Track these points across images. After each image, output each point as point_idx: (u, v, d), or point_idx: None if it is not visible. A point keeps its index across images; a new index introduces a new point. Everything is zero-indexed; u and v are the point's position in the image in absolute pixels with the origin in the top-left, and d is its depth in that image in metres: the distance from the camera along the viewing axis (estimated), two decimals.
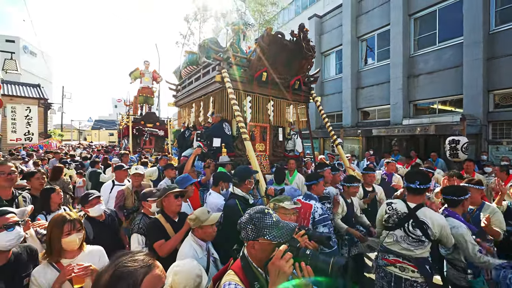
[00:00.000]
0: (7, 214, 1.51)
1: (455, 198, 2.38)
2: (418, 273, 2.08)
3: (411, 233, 2.11)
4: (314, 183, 2.80)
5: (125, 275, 0.79)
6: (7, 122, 13.90)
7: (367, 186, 3.89)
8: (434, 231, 2.05)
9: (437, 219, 2.09)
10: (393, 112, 10.03)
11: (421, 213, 2.13)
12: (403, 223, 2.17)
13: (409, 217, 2.15)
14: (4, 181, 2.18)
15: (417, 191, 2.21)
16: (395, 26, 9.87)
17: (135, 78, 13.80)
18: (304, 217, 2.55)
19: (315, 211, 2.53)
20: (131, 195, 3.38)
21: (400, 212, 2.23)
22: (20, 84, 20.21)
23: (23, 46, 34.54)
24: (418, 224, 2.09)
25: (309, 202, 2.62)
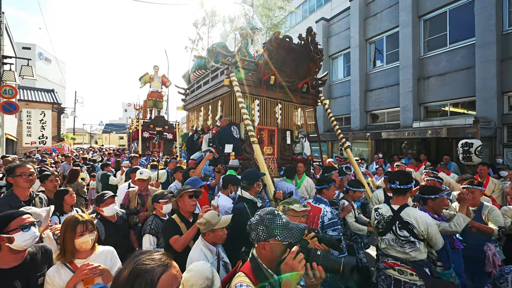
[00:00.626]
0: (24, 215, 1.55)
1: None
2: (416, 276, 2.09)
3: (399, 235, 2.14)
4: (325, 188, 2.77)
5: (143, 273, 0.82)
6: (22, 126, 14.38)
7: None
8: (420, 229, 2.06)
9: (422, 217, 2.10)
10: (403, 114, 9.87)
11: (405, 213, 2.15)
12: (390, 227, 2.20)
13: (395, 219, 2.18)
14: (25, 182, 2.26)
15: (398, 191, 2.24)
16: (404, 28, 9.76)
17: (144, 82, 14.06)
18: (312, 220, 2.53)
19: (324, 215, 2.50)
20: (135, 198, 3.43)
21: (385, 216, 2.26)
22: (35, 89, 20.93)
23: (39, 53, 35.81)
24: (403, 225, 2.12)
25: (319, 206, 2.60)
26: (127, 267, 0.84)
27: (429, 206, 2.51)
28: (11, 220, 1.49)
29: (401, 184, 2.22)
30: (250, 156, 4.76)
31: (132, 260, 0.86)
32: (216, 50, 4.87)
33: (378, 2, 11.18)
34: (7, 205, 2.09)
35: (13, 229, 1.47)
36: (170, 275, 0.86)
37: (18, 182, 2.24)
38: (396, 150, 10.34)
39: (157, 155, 11.08)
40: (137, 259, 0.86)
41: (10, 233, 1.46)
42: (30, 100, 18.70)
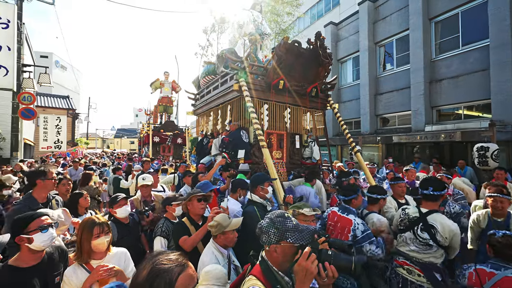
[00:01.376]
0: (42, 216, 1.61)
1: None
2: (424, 278, 2.09)
3: (419, 236, 2.15)
4: (354, 197, 2.57)
5: (162, 273, 0.84)
6: (39, 131, 14.93)
7: (400, 198, 3.35)
8: (444, 236, 2.05)
9: (449, 225, 2.08)
10: (414, 118, 9.68)
11: (432, 218, 2.16)
12: (412, 226, 2.22)
13: (419, 221, 2.20)
14: (53, 185, 2.40)
15: (430, 197, 2.25)
16: (414, 31, 9.65)
17: (155, 88, 14.38)
18: (341, 232, 2.35)
19: (355, 228, 2.29)
20: (140, 205, 3.47)
21: (411, 216, 2.28)
22: (52, 95, 21.72)
23: (55, 61, 37.21)
24: (426, 228, 2.13)
25: (348, 217, 2.39)
26: (145, 267, 0.86)
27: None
28: (31, 221, 1.55)
29: (434, 191, 2.23)
30: (259, 161, 4.77)
31: (150, 261, 0.88)
32: (226, 55, 4.94)
33: (387, 6, 11.11)
34: (27, 207, 2.18)
35: (33, 230, 1.53)
36: (187, 275, 0.89)
37: (48, 185, 2.37)
38: (407, 154, 10.13)
39: (167, 159, 11.27)
40: (155, 259, 0.88)
41: (30, 233, 1.51)
42: (47, 106, 19.41)
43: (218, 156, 5.43)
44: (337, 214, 2.49)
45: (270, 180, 2.81)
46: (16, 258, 1.54)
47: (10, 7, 7.41)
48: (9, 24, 7.28)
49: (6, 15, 7.23)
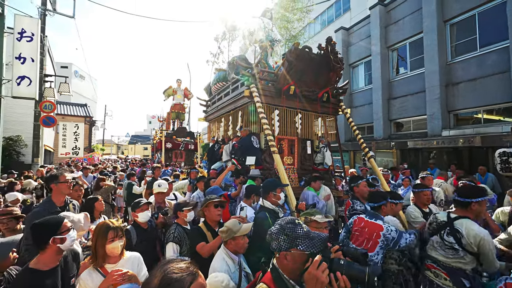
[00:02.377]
0: (65, 219, 1.67)
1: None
2: (450, 282, 2.10)
3: (445, 240, 2.18)
4: (383, 204, 2.52)
5: (174, 282, 0.83)
6: (58, 138, 15.56)
7: (424, 207, 3.10)
8: (469, 240, 2.04)
9: (474, 230, 2.05)
10: (430, 123, 9.39)
11: (459, 222, 2.17)
12: (439, 230, 2.25)
13: (446, 225, 2.22)
14: (67, 188, 2.46)
15: (459, 203, 2.27)
16: (429, 33, 9.44)
17: (168, 95, 14.72)
18: (369, 238, 2.31)
19: (388, 232, 2.26)
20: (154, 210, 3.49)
21: (439, 220, 2.31)
22: (70, 104, 22.67)
23: (74, 71, 39.00)
24: (452, 232, 2.15)
25: (377, 222, 2.35)
26: (156, 275, 0.86)
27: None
28: (62, 223, 1.63)
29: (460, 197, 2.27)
30: (270, 166, 4.75)
31: (161, 269, 0.88)
32: (237, 62, 5.01)
33: (400, 9, 10.97)
34: (46, 210, 2.25)
35: (65, 231, 1.60)
36: (198, 284, 0.88)
37: (62, 189, 2.43)
38: (423, 160, 9.79)
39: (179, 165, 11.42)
40: (165, 268, 0.87)
41: (63, 233, 1.59)
42: (66, 114, 20.26)
43: (229, 162, 5.45)
44: (364, 220, 2.46)
45: (282, 186, 2.78)
46: (36, 261, 1.58)
47: (34, 21, 7.85)
48: (33, 37, 7.71)
49: (30, 29, 7.67)
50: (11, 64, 7.53)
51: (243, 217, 2.47)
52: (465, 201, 2.20)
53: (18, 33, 7.50)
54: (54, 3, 8.79)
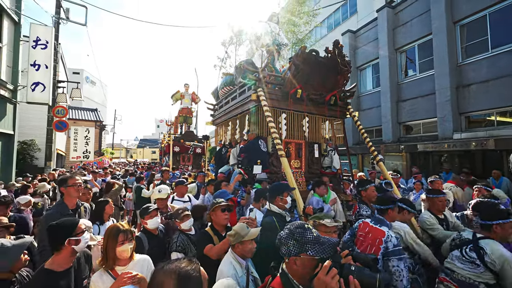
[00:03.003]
0: (79, 222, 1.72)
1: None
2: None
3: (466, 254, 2.16)
4: (391, 208, 2.45)
5: (191, 275, 0.88)
6: (70, 142, 15.94)
7: (439, 213, 2.95)
8: (492, 258, 2.01)
9: (499, 250, 2.02)
10: (441, 125, 9.19)
11: (484, 242, 2.13)
12: (462, 246, 2.22)
13: (470, 243, 2.19)
14: (75, 191, 2.49)
15: (482, 226, 2.25)
16: (438, 35, 9.30)
17: (176, 100, 14.92)
18: (373, 243, 2.27)
19: (388, 240, 2.20)
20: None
21: (463, 238, 2.28)
22: (82, 109, 23.25)
23: (86, 76, 40.07)
24: (475, 249, 2.12)
25: (381, 228, 2.30)
26: (168, 275, 0.87)
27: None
28: (77, 225, 1.68)
29: (483, 219, 2.24)
30: (277, 170, 4.74)
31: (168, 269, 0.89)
32: (244, 67, 5.05)
33: (408, 11, 10.87)
34: (59, 213, 2.30)
35: (79, 233, 1.66)
36: (204, 274, 0.93)
37: (70, 192, 2.47)
38: (434, 163, 9.58)
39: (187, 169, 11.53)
40: (173, 267, 0.90)
41: (78, 235, 1.64)
42: (77, 119, 20.78)
43: (236, 165, 5.47)
44: (369, 225, 2.39)
45: (289, 190, 2.73)
46: (51, 262, 1.62)
47: (49, 29, 8.14)
48: (47, 44, 7.98)
49: (45, 37, 7.94)
50: (26, 71, 7.80)
51: (253, 219, 2.45)
52: (486, 224, 2.18)
53: (33, 41, 7.78)
54: (67, 12, 9.09)
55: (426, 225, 2.87)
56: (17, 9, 7.40)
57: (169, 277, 0.86)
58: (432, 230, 2.82)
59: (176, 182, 4.29)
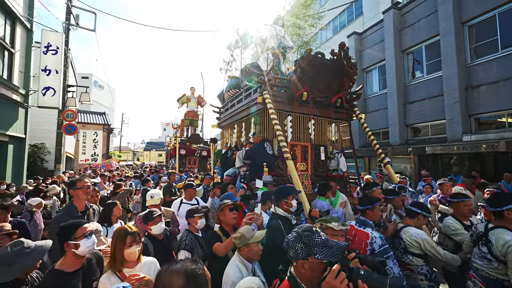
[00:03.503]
0: (85, 224, 1.74)
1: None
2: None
3: (481, 250, 2.18)
4: (369, 208, 2.48)
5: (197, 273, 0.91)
6: (79, 145, 16.24)
7: (464, 219, 2.78)
8: (498, 248, 2.02)
9: (504, 238, 2.00)
10: (450, 127, 9.04)
11: (492, 232, 2.14)
12: (477, 242, 2.26)
13: (482, 236, 2.22)
14: (84, 194, 2.53)
15: (494, 213, 2.24)
16: (446, 36, 9.19)
17: (182, 103, 15.07)
18: (359, 246, 2.29)
19: (373, 242, 2.22)
20: None
21: (478, 231, 2.31)
22: (90, 112, 23.68)
23: (94, 81, 40.88)
24: (486, 242, 2.15)
25: (365, 230, 2.32)
26: (175, 274, 0.89)
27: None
28: (77, 229, 1.67)
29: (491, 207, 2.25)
30: (283, 173, 4.73)
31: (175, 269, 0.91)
32: (249, 70, 5.08)
33: (414, 12, 10.78)
34: (68, 214, 2.34)
35: (79, 237, 1.65)
36: (208, 273, 0.96)
37: (79, 194, 2.51)
38: (443, 166, 9.40)
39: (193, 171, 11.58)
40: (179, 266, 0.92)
41: (77, 240, 1.64)
42: (86, 122, 21.17)
43: (242, 168, 5.46)
44: (354, 228, 2.42)
45: (294, 193, 2.70)
46: (61, 262, 1.65)
47: (59, 35, 8.35)
48: (58, 50, 8.19)
49: (55, 43, 8.15)
50: (38, 76, 8.01)
51: (258, 214, 2.44)
52: (497, 211, 2.16)
53: (44, 47, 7.99)
54: (77, 18, 9.32)
55: (451, 231, 2.75)
56: (30, 16, 7.62)
57: (176, 276, 0.88)
58: (456, 235, 2.70)
59: (185, 185, 4.22)
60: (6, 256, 1.55)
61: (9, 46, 6.98)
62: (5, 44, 6.80)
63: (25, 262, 1.59)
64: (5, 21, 6.81)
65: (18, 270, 1.57)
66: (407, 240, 2.46)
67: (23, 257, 1.58)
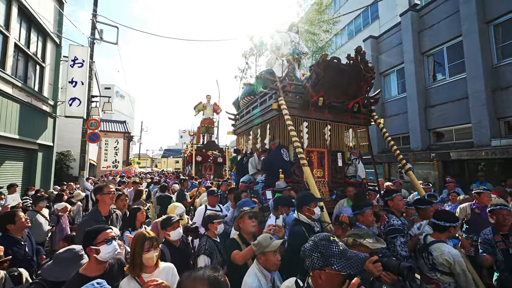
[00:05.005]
0: (107, 230, 1.79)
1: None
2: None
3: None
4: (358, 213, 2.46)
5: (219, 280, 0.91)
6: (101, 153, 16.96)
7: (506, 230, 2.59)
8: None
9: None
10: (476, 131, 8.54)
11: None
12: None
13: None
14: (109, 199, 2.63)
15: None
16: (469, 36, 8.79)
17: (198, 111, 15.41)
18: None
19: None
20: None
21: None
22: (111, 121, 24.77)
23: (116, 91, 42.92)
24: None
25: None
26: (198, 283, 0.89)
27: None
28: (98, 234, 1.72)
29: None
30: (299, 179, 4.66)
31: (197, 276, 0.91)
32: (264, 76, 5.11)
33: (434, 13, 10.44)
34: (93, 219, 2.44)
35: (100, 242, 1.70)
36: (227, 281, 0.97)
37: (105, 199, 2.61)
38: (470, 172, 8.85)
39: (208, 178, 11.71)
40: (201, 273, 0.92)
41: (98, 245, 1.68)
42: (108, 131, 22.14)
43: (257, 175, 5.44)
44: None
45: (317, 201, 2.62)
46: (85, 267, 1.71)
47: (85, 49, 8.87)
48: (83, 63, 8.69)
49: (81, 56, 8.66)
50: (65, 88, 8.52)
51: (280, 226, 2.39)
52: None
53: (71, 61, 8.51)
54: (101, 32, 9.87)
55: None
56: (59, 32, 8.18)
57: (200, 283, 0.88)
58: None
59: (208, 192, 4.26)
60: (75, 255, 1.84)
61: (41, 60, 7.50)
62: (37, 59, 7.32)
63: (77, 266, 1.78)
64: (37, 38, 7.35)
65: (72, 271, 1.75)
66: (437, 259, 2.26)
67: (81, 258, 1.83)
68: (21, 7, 6.33)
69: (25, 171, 7.22)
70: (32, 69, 7.23)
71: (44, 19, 7.21)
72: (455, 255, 2.21)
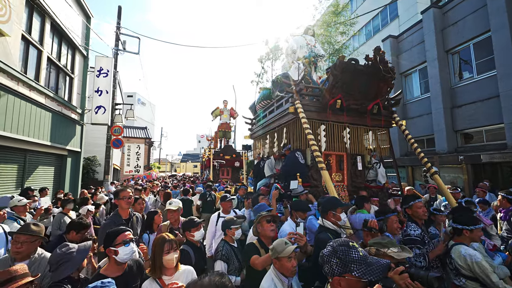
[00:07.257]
0: (126, 232, 1.84)
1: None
2: None
3: None
4: (381, 219, 2.37)
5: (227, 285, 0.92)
6: (124, 158, 17.70)
7: None
8: None
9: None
10: (510, 132, 7.95)
11: None
12: None
13: None
14: (126, 204, 2.72)
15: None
16: (499, 31, 8.27)
17: (215, 116, 15.67)
18: None
19: None
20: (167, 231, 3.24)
21: None
22: (133, 127, 25.82)
23: (138, 98, 44.76)
24: None
25: None
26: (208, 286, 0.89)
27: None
28: (117, 236, 1.79)
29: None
30: (317, 183, 4.57)
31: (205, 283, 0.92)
32: (281, 80, 5.11)
33: (458, 9, 9.94)
34: (113, 222, 2.53)
35: (118, 243, 1.76)
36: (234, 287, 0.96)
37: (122, 204, 2.71)
38: (505, 176, 8.23)
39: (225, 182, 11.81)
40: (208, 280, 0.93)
41: (116, 246, 1.74)
42: (130, 137, 23.09)
43: (272, 176, 5.41)
44: None
45: (343, 205, 2.52)
46: (105, 268, 1.78)
47: (109, 60, 9.38)
48: (108, 73, 9.19)
49: (106, 67, 9.17)
50: (91, 97, 9.04)
51: (301, 235, 2.33)
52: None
53: (97, 71, 9.04)
54: (124, 43, 10.40)
55: None
56: (86, 45, 8.72)
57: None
58: None
59: (220, 198, 4.08)
60: (62, 255, 1.79)
61: (70, 72, 8.02)
62: (67, 71, 7.83)
63: (75, 260, 1.81)
64: (67, 51, 7.88)
65: (72, 266, 1.78)
66: (456, 261, 2.16)
67: (72, 255, 1.82)
68: (53, 23, 6.83)
69: (56, 176, 7.68)
70: (63, 80, 7.75)
71: (73, 33, 7.73)
72: (473, 256, 2.10)
